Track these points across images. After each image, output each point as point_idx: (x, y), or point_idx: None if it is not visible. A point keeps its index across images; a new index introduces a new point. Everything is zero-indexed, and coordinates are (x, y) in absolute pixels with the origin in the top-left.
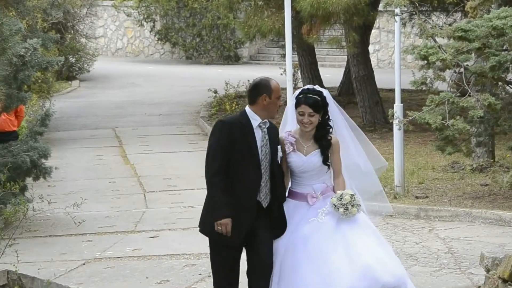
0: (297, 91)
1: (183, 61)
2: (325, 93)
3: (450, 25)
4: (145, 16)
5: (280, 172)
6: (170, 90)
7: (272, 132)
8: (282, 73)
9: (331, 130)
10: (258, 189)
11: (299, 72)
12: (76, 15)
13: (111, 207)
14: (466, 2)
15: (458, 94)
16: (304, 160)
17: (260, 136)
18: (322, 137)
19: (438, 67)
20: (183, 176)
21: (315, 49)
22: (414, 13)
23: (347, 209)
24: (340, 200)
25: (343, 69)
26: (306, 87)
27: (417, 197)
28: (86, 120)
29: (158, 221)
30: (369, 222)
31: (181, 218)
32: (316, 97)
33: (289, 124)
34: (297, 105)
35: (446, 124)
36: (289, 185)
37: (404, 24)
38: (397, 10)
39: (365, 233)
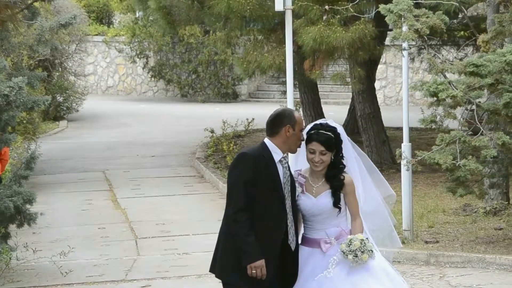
0: (309, 126)
1: (178, 99)
2: (339, 129)
3: (461, 60)
4: (138, 52)
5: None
6: (164, 130)
7: (290, 169)
8: None
9: (344, 169)
10: (285, 229)
11: (301, 110)
12: (65, 51)
13: (100, 255)
14: (478, 36)
15: (470, 133)
16: (314, 202)
17: (282, 171)
18: (334, 177)
19: (448, 104)
20: (177, 221)
21: (318, 86)
22: (422, 47)
23: (356, 256)
24: (349, 246)
25: (347, 107)
26: (318, 121)
27: (426, 242)
28: (74, 162)
29: (150, 269)
30: (387, 267)
31: (175, 266)
32: (329, 133)
33: (300, 162)
34: (308, 141)
35: (457, 165)
36: (302, 231)
37: (412, 59)
38: (405, 44)
39: (380, 283)
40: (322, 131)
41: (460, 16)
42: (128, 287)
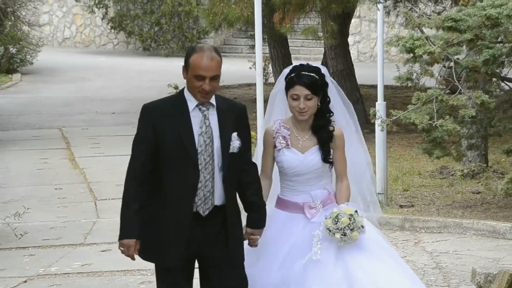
0: (286, 70)
1: (139, 53)
2: (323, 70)
3: (439, 14)
4: (97, 1)
5: (239, 168)
6: (124, 85)
7: (226, 115)
8: (251, 66)
9: (332, 117)
10: (194, 192)
11: (270, 65)
12: None
13: (57, 217)
14: None
15: (448, 91)
16: (301, 158)
17: (198, 120)
18: (322, 128)
19: (425, 61)
20: None
21: (288, 40)
22: (399, 0)
23: (345, 235)
24: (336, 223)
25: (319, 63)
26: (298, 63)
27: (401, 206)
28: (29, 118)
29: (110, 232)
30: (380, 239)
31: None
32: (313, 75)
33: (276, 113)
34: (288, 86)
35: (434, 125)
36: (279, 192)
37: (387, 13)
38: None
39: (379, 261)
40: (304, 72)
41: None
42: (87, 251)
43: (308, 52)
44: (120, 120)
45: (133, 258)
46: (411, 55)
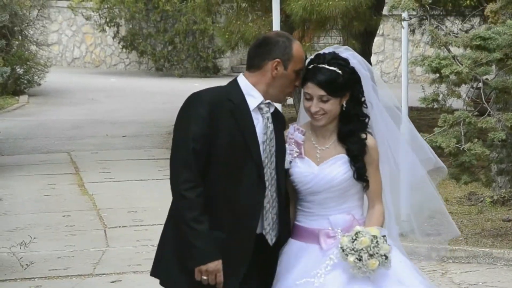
0: (310, 58)
1: (152, 73)
2: (354, 60)
3: (466, 32)
4: (108, 19)
5: (286, 190)
6: (136, 107)
7: (278, 123)
8: None
9: (367, 122)
10: (260, 212)
11: None
12: (25, 18)
13: (65, 246)
14: (486, 5)
15: (476, 113)
16: (316, 171)
17: (261, 125)
18: (351, 135)
19: (452, 82)
20: (150, 209)
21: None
22: (424, 17)
23: (360, 260)
24: (353, 241)
25: None
26: (322, 51)
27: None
28: (36, 142)
29: (121, 262)
30: (412, 280)
31: (148, 259)
32: (334, 69)
33: (304, 115)
34: (303, 82)
35: (461, 149)
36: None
37: (412, 31)
38: (405, 14)
39: None
40: (323, 65)
41: None
42: (96, 282)
43: None
44: (132, 144)
45: (220, 286)
46: (437, 75)
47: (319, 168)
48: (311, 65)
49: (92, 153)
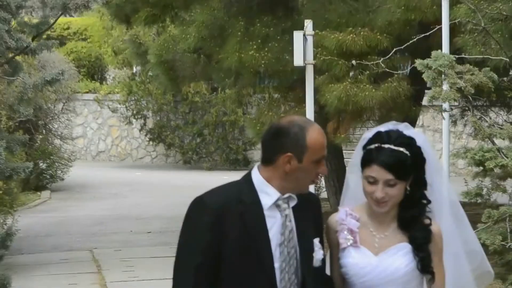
0: (368, 134)
1: (179, 166)
2: (419, 139)
3: (511, 123)
4: (135, 112)
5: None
6: (162, 201)
7: (304, 213)
8: None
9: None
10: None
11: (322, 179)
12: (50, 111)
13: None
14: None
15: None
16: (375, 262)
17: (278, 224)
18: (413, 221)
19: (497, 175)
20: None
21: (343, 152)
22: (466, 108)
23: None
24: None
25: None
26: (382, 128)
27: None
28: (58, 239)
29: None
30: None
31: None
32: (402, 150)
33: (349, 197)
34: (364, 163)
35: (507, 246)
36: None
37: (454, 122)
38: (446, 105)
39: None
40: (389, 145)
41: (510, 73)
42: None
43: None
44: (157, 241)
45: None
46: (481, 168)
47: (378, 258)
48: (374, 145)
49: (115, 250)
